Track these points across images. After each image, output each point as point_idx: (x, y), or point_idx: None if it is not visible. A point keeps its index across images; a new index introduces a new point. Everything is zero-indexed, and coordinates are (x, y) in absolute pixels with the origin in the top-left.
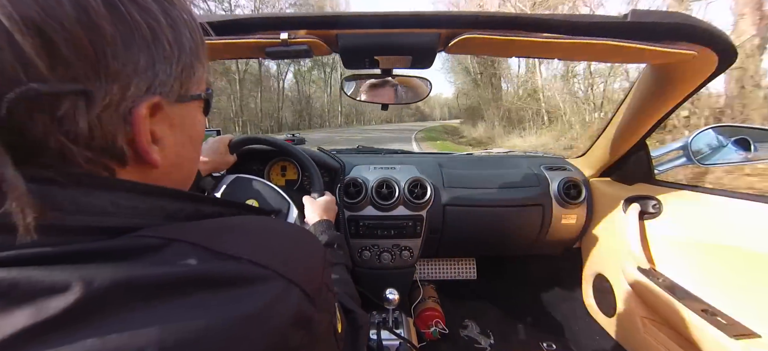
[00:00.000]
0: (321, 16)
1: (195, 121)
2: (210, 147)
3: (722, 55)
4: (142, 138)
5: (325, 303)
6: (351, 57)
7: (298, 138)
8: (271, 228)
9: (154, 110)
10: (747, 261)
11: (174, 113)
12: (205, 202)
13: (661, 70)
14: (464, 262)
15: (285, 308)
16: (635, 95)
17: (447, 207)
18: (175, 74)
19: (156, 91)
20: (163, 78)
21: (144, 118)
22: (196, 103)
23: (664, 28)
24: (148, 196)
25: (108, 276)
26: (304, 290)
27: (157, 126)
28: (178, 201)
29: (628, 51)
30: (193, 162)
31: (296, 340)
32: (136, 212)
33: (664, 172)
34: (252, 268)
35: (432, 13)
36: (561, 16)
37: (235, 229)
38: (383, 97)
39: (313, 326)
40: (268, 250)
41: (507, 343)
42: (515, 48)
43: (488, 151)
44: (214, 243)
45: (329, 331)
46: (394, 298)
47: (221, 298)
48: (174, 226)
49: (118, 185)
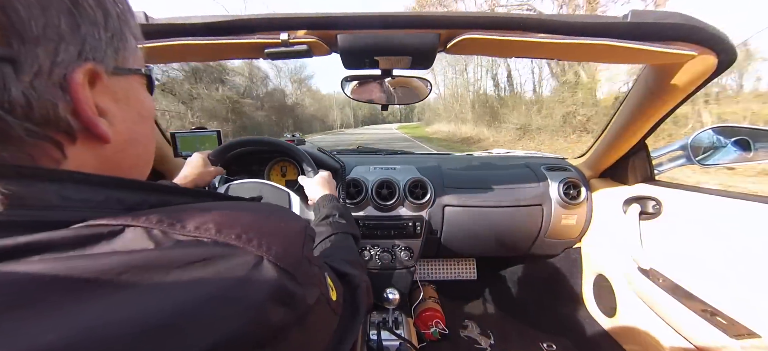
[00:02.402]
0: (321, 16)
1: (140, 97)
2: (189, 162)
3: (722, 56)
4: (85, 107)
5: (309, 277)
6: (351, 57)
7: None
8: (244, 207)
9: (92, 79)
10: (747, 261)
11: (116, 86)
12: (172, 193)
13: (660, 70)
14: (464, 263)
15: (259, 284)
16: (635, 96)
17: (447, 207)
18: (106, 39)
19: (88, 57)
20: (92, 43)
21: (81, 86)
22: (138, 79)
23: (664, 28)
24: (103, 188)
25: (24, 271)
26: (278, 265)
27: (99, 98)
28: (139, 192)
29: (627, 51)
30: (148, 139)
31: (278, 317)
32: (87, 205)
33: (664, 172)
34: (216, 248)
35: (432, 13)
36: (561, 17)
37: (201, 211)
38: (383, 98)
39: (297, 302)
40: (237, 228)
41: (507, 343)
42: (515, 48)
43: (488, 152)
44: (173, 227)
45: (321, 304)
46: (394, 298)
47: (181, 281)
48: (131, 214)
49: (67, 176)
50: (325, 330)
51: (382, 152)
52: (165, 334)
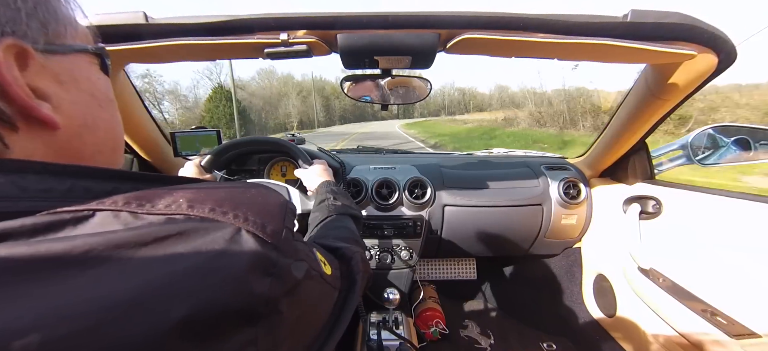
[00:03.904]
0: (320, 16)
1: (91, 77)
2: (181, 173)
3: (722, 56)
4: (16, 89)
5: (293, 250)
6: (350, 57)
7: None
8: (217, 186)
9: (21, 59)
10: (747, 261)
11: (56, 66)
12: (145, 181)
13: (660, 70)
14: (464, 262)
15: (238, 255)
16: (635, 95)
17: (447, 207)
18: (27, 12)
19: (6, 31)
20: (8, 14)
21: (4, 64)
22: (85, 57)
23: (664, 28)
24: (65, 177)
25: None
26: (257, 235)
27: (36, 79)
28: (110, 181)
29: (627, 51)
30: (109, 124)
31: (263, 288)
32: (49, 195)
33: (664, 172)
34: (189, 223)
35: (432, 13)
36: (561, 17)
37: (169, 192)
38: (383, 97)
39: (282, 273)
40: (209, 202)
41: (507, 343)
42: (515, 48)
43: (488, 151)
44: (142, 206)
45: (312, 277)
46: (394, 298)
47: (152, 258)
48: (99, 200)
49: (19, 166)
50: (323, 305)
51: (382, 151)
52: (135, 310)
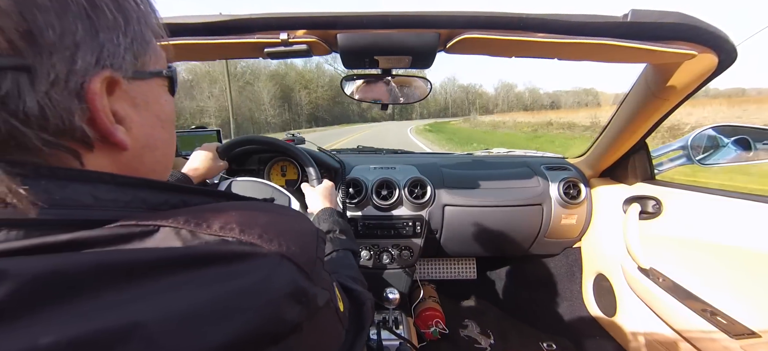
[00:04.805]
0: (320, 15)
1: (160, 100)
2: (198, 155)
3: (722, 56)
4: (102, 116)
5: (321, 278)
6: (350, 57)
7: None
8: (259, 207)
9: (110, 87)
10: (747, 261)
11: (135, 91)
12: (191, 193)
13: (660, 69)
14: (464, 262)
15: (279, 282)
16: (635, 95)
17: (447, 207)
18: (125, 45)
19: (106, 64)
20: (111, 49)
21: (99, 95)
22: (159, 81)
23: (664, 28)
24: (128, 188)
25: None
26: (296, 263)
27: (117, 104)
28: (163, 192)
29: (627, 51)
30: (166, 144)
31: (293, 314)
32: (116, 204)
33: (664, 172)
34: (241, 246)
35: (432, 12)
36: (561, 16)
37: (222, 212)
38: (383, 97)
39: (309, 300)
40: (257, 228)
41: (507, 343)
42: (515, 48)
43: (488, 151)
44: (200, 227)
45: (330, 308)
46: (394, 298)
47: (210, 276)
48: (158, 213)
49: (96, 177)
50: (332, 338)
51: (382, 151)
52: (199, 323)
